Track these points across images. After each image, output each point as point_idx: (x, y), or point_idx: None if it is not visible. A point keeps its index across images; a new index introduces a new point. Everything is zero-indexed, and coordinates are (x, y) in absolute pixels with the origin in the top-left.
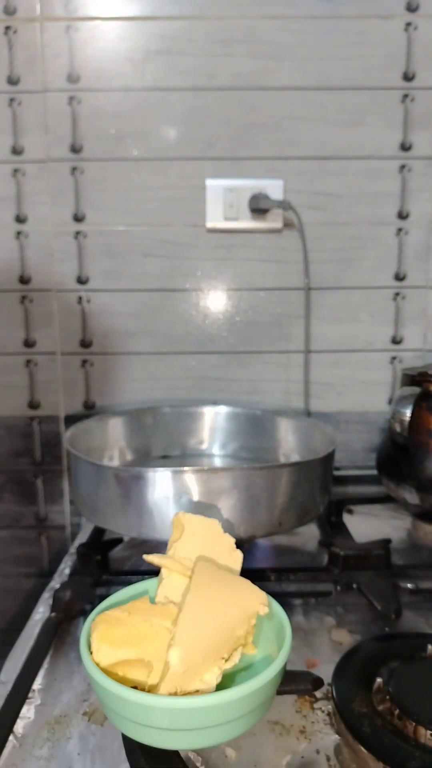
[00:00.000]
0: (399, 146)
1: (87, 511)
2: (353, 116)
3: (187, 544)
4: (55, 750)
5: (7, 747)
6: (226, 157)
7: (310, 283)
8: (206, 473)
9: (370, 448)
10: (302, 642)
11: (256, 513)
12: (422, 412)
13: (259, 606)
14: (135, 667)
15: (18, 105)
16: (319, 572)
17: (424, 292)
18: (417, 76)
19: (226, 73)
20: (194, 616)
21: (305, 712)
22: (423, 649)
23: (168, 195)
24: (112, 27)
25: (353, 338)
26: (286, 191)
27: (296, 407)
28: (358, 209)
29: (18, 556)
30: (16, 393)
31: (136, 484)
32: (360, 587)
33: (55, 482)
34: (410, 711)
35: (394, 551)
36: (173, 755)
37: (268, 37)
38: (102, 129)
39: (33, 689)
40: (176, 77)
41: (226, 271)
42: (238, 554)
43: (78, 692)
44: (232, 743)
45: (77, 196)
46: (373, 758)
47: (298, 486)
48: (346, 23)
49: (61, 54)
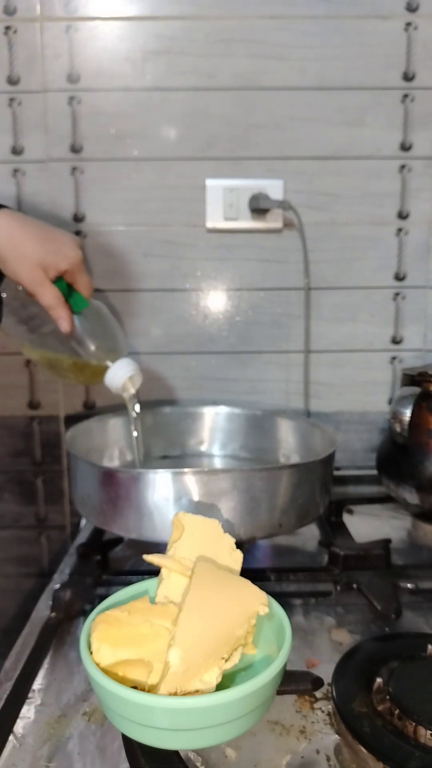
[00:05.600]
0: (399, 146)
1: (87, 511)
2: (353, 116)
3: (187, 544)
4: (55, 750)
5: (7, 747)
6: (226, 157)
7: (310, 283)
8: (206, 475)
9: (370, 448)
10: (302, 642)
11: (256, 514)
12: (422, 412)
13: (259, 606)
14: (135, 667)
15: (18, 105)
16: (319, 572)
17: (424, 292)
18: (417, 76)
19: (226, 73)
20: (194, 616)
21: (305, 712)
22: (423, 649)
23: (168, 195)
24: (112, 27)
25: (353, 338)
26: (286, 191)
27: (296, 407)
28: (358, 209)
29: (18, 556)
30: (16, 393)
31: (136, 486)
32: (360, 587)
33: (55, 482)
34: (410, 711)
35: (394, 551)
36: (173, 755)
37: (268, 37)
38: (102, 129)
39: (33, 689)
40: (176, 77)
41: (226, 271)
42: (238, 554)
43: (78, 692)
44: (232, 743)
45: (77, 196)
46: (373, 758)
47: (298, 487)
48: (346, 23)
49: (61, 54)
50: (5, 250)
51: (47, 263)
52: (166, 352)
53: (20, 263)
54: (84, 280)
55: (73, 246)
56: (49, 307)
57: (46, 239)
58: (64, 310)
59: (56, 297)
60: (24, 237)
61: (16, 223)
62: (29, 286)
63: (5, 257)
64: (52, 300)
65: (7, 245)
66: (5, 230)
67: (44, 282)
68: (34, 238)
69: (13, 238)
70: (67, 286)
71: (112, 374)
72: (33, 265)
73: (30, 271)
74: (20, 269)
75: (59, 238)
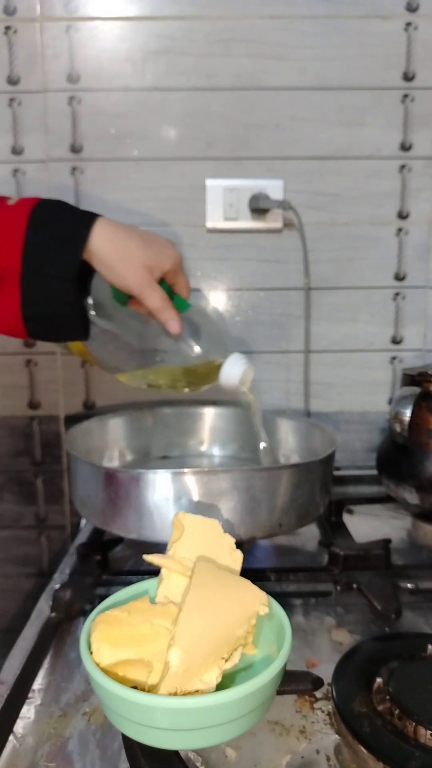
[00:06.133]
0: (399, 146)
1: (87, 512)
2: (353, 116)
3: (187, 544)
4: (55, 750)
5: (7, 747)
6: (226, 157)
7: (310, 283)
8: (206, 475)
9: (370, 448)
10: (302, 642)
11: (255, 514)
12: (422, 412)
13: (259, 606)
14: (135, 667)
15: (18, 105)
16: (319, 572)
17: (424, 292)
18: (417, 76)
19: (226, 73)
20: (194, 616)
21: (305, 712)
22: (423, 649)
23: (168, 195)
24: (112, 27)
25: (353, 338)
26: (286, 191)
27: (296, 407)
28: (358, 209)
29: (18, 556)
30: (16, 393)
31: (136, 486)
32: (360, 587)
33: (55, 482)
34: (410, 711)
35: (394, 551)
36: (173, 755)
37: (268, 37)
38: (102, 129)
39: (33, 689)
40: (176, 77)
41: (226, 271)
42: (238, 554)
43: (78, 692)
44: (232, 743)
45: (77, 196)
46: (373, 758)
47: (298, 487)
48: (346, 23)
49: (61, 54)
50: (111, 256)
51: (153, 264)
52: None
53: (127, 266)
54: (184, 280)
55: (172, 247)
56: (157, 310)
57: (148, 242)
58: (172, 311)
59: (164, 298)
60: (128, 240)
61: (115, 227)
62: (137, 288)
63: (111, 263)
64: (161, 301)
65: (114, 250)
66: (108, 235)
67: (152, 283)
68: (137, 241)
69: (117, 242)
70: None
71: (226, 372)
72: (140, 267)
73: (137, 274)
74: (128, 272)
75: (158, 240)
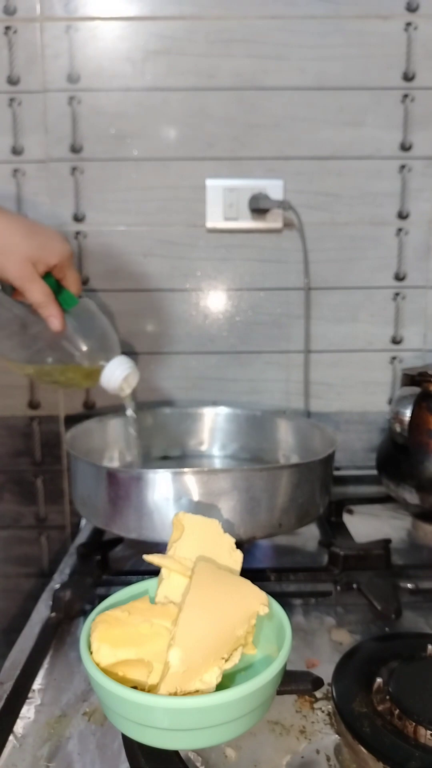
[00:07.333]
0: (399, 146)
1: (87, 512)
2: (353, 116)
3: (187, 544)
4: (55, 750)
5: (7, 747)
6: (226, 157)
7: (310, 283)
8: (206, 474)
9: (370, 448)
10: (302, 642)
11: (255, 514)
12: (422, 412)
13: (259, 606)
14: (135, 667)
15: (18, 105)
16: (319, 572)
17: (424, 292)
18: (417, 76)
19: (226, 73)
20: (194, 616)
21: (305, 712)
22: (423, 649)
23: (168, 195)
24: (112, 27)
25: (353, 338)
26: (286, 191)
27: (296, 407)
28: (358, 209)
29: (18, 556)
30: (16, 393)
31: (136, 486)
32: (360, 587)
33: (55, 482)
34: (410, 711)
35: (394, 551)
36: (173, 755)
37: (268, 37)
38: (102, 129)
39: (33, 689)
40: (176, 77)
41: (226, 271)
42: (238, 554)
43: (78, 692)
44: (232, 743)
45: (77, 196)
46: (373, 758)
47: (298, 487)
48: (346, 23)
49: (61, 54)
50: None
51: (36, 257)
52: (165, 353)
53: (8, 257)
54: (73, 275)
55: (61, 240)
56: (39, 305)
57: (34, 232)
58: (54, 308)
59: (46, 294)
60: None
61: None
62: (18, 282)
63: None
64: (43, 297)
65: None
66: None
67: (34, 277)
68: (21, 232)
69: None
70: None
71: (107, 374)
72: (22, 260)
73: (19, 266)
74: (8, 264)
75: (46, 232)
